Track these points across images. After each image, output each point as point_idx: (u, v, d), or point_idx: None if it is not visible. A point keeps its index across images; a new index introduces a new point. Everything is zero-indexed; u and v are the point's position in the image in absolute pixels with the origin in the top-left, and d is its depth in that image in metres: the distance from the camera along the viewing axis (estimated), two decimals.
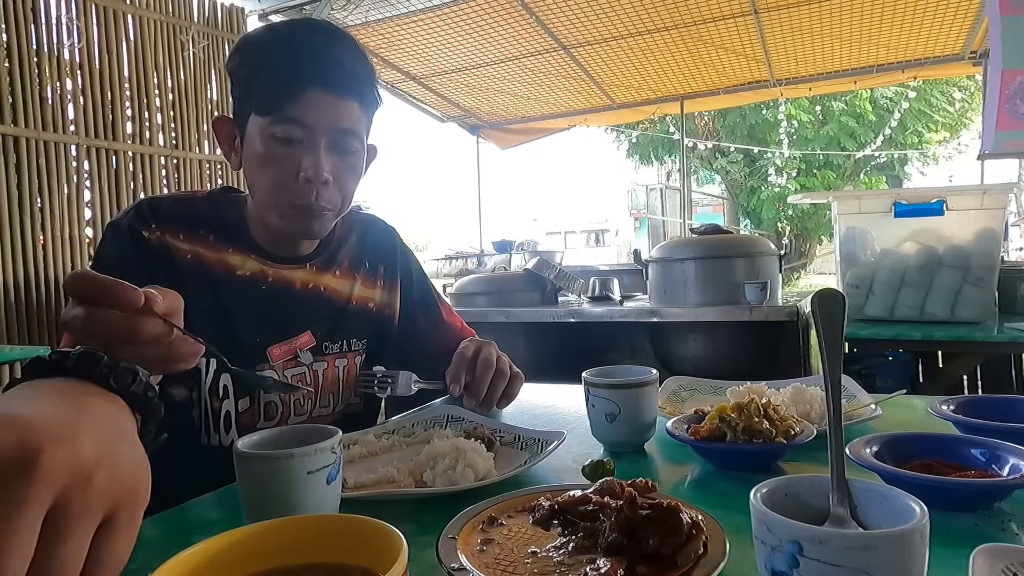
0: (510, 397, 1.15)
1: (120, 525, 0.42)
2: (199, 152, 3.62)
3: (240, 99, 1.00)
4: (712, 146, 13.76)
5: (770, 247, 2.73)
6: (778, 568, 0.45)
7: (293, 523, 0.49)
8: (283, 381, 1.05)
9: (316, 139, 0.96)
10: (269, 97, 0.95)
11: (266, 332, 1.06)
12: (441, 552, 0.57)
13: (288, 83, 0.95)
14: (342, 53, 0.98)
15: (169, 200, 1.06)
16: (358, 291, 1.18)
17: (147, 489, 0.45)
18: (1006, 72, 2.67)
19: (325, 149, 0.97)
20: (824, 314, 0.61)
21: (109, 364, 0.51)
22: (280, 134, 0.96)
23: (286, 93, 0.94)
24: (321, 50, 0.97)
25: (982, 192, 2.49)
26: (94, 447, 0.42)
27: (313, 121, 0.95)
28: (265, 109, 0.96)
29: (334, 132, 0.98)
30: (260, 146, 0.97)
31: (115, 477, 0.42)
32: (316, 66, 0.96)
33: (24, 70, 2.89)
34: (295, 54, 0.96)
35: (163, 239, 1.01)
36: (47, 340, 2.95)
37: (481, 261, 4.44)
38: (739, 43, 4.35)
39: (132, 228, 1.00)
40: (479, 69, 4.81)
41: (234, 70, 1.01)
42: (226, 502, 0.81)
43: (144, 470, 0.46)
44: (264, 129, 0.96)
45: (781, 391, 1.05)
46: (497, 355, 1.15)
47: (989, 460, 0.71)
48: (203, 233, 1.04)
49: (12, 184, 2.85)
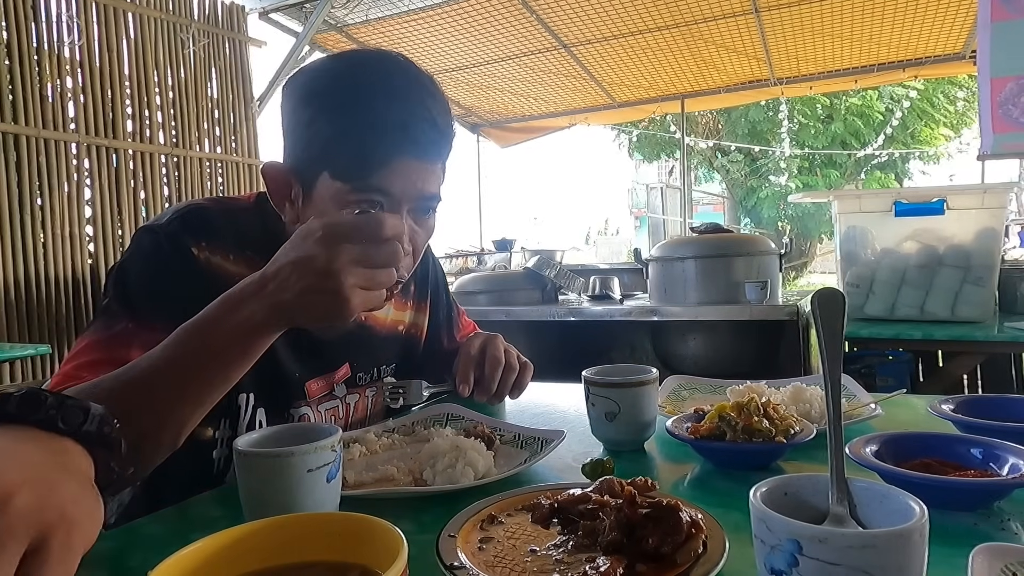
0: (521, 387, 1.11)
1: (51, 555, 0.39)
2: (199, 150, 3.62)
3: (309, 153, 0.87)
4: (713, 145, 13.76)
5: (770, 246, 2.73)
6: (777, 567, 0.45)
7: (293, 521, 0.49)
8: None
9: (398, 208, 0.86)
10: (352, 164, 0.84)
11: (306, 366, 0.99)
12: (441, 550, 0.57)
13: (375, 152, 0.83)
14: (436, 111, 0.87)
15: (217, 212, 0.94)
16: (392, 315, 1.14)
17: (91, 520, 0.42)
18: (995, 80, 2.66)
19: (406, 217, 0.88)
20: (824, 313, 0.61)
21: (55, 404, 0.47)
22: (360, 201, 0.85)
23: (374, 162, 0.83)
24: (415, 111, 0.85)
25: (983, 191, 2.49)
26: (17, 473, 0.39)
27: (400, 191, 0.85)
28: (346, 176, 0.84)
29: (419, 199, 0.88)
30: (335, 212, 0.85)
31: (45, 502, 0.39)
32: (407, 131, 0.84)
33: (24, 68, 2.89)
34: (388, 117, 0.84)
35: (213, 260, 0.89)
36: (47, 338, 2.95)
37: (481, 260, 4.43)
38: (740, 42, 4.35)
39: (179, 241, 0.88)
40: (479, 67, 4.81)
41: (306, 121, 0.87)
42: (226, 500, 0.81)
43: (89, 501, 0.43)
44: (341, 196, 0.84)
45: (781, 390, 1.05)
46: (504, 348, 1.10)
47: (989, 459, 0.71)
48: (251, 255, 0.91)
49: (12, 182, 2.85)
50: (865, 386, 1.11)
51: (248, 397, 0.94)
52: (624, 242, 16.86)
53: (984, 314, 2.47)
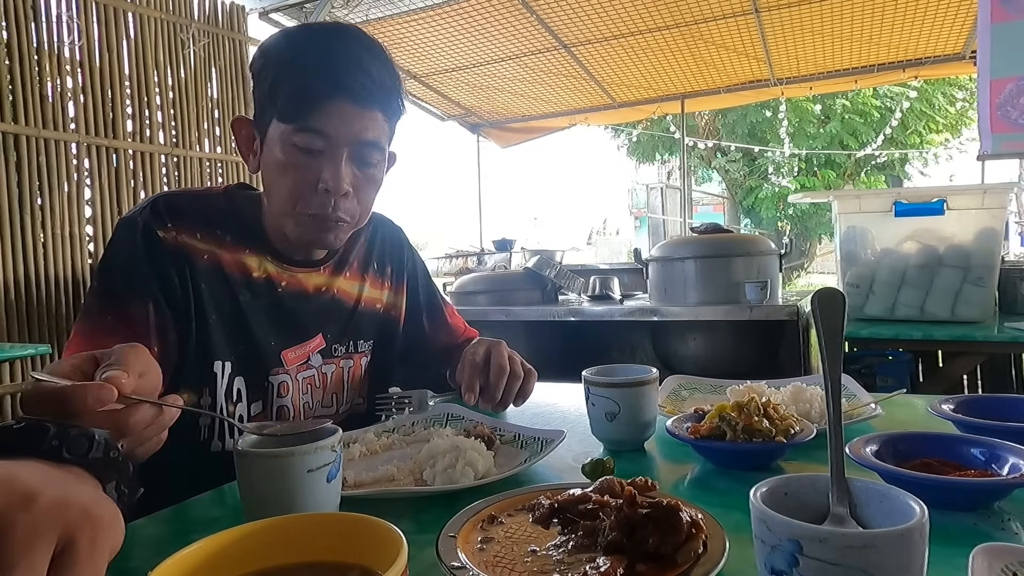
0: (525, 395, 1.12)
1: (79, 553, 0.38)
2: (199, 150, 3.62)
3: (262, 102, 0.98)
4: (712, 145, 13.75)
5: (770, 246, 2.73)
6: (777, 567, 0.45)
7: (293, 521, 0.49)
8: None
9: (337, 150, 0.95)
10: (293, 105, 0.93)
11: (280, 336, 1.05)
12: (441, 550, 0.57)
13: (312, 93, 0.92)
14: (369, 62, 0.96)
15: (186, 197, 1.03)
16: (367, 292, 1.18)
17: (113, 521, 0.42)
18: (995, 81, 2.66)
19: (346, 160, 0.96)
20: (824, 313, 0.61)
21: (58, 434, 0.46)
22: (301, 143, 0.94)
23: (310, 103, 0.92)
24: (347, 59, 0.94)
25: (983, 192, 2.49)
26: (36, 479, 0.39)
27: (335, 132, 0.93)
28: (288, 117, 0.94)
29: (356, 144, 0.96)
30: (280, 153, 0.95)
31: (65, 500, 0.39)
32: (341, 76, 0.93)
33: (24, 68, 2.88)
34: (321, 62, 0.94)
35: (180, 239, 0.98)
36: (47, 338, 2.95)
37: (481, 260, 4.43)
38: (740, 42, 4.34)
39: (147, 226, 0.96)
40: (479, 67, 4.81)
41: (257, 72, 0.99)
42: (226, 500, 0.81)
43: (110, 506, 0.42)
44: (285, 137, 0.94)
45: (781, 390, 1.05)
46: (509, 356, 1.11)
47: (989, 459, 0.71)
48: (220, 233, 1.01)
49: (12, 182, 2.85)
50: (865, 386, 1.11)
51: (224, 365, 0.99)
52: (624, 242, 16.84)
53: (984, 314, 2.47)
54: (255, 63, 1.00)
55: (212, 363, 0.98)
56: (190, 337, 0.97)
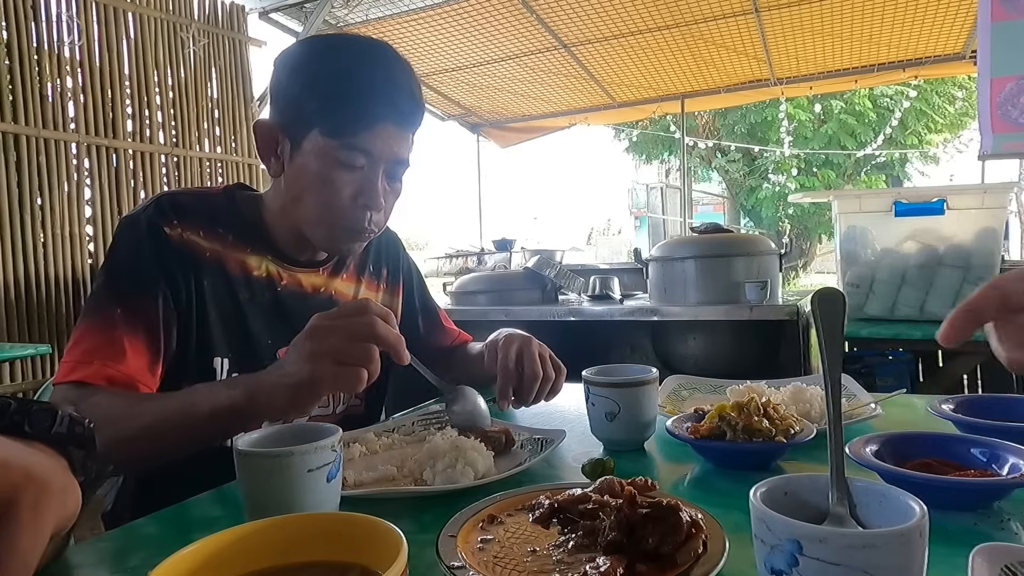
0: (556, 393, 1.10)
1: (21, 515, 0.37)
2: (199, 150, 3.62)
3: (301, 112, 0.98)
4: (712, 145, 13.76)
5: (770, 246, 2.72)
6: (777, 567, 0.45)
7: (293, 521, 0.49)
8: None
9: (377, 167, 0.99)
10: (343, 123, 0.96)
11: (278, 334, 1.05)
12: (441, 550, 0.57)
13: (369, 116, 0.96)
14: (415, 88, 1.02)
15: (188, 196, 1.05)
16: (362, 294, 1.20)
17: (65, 489, 0.41)
18: (995, 80, 2.65)
19: (381, 176, 1.00)
20: (824, 313, 0.61)
21: (19, 409, 0.46)
22: (344, 159, 0.97)
23: (364, 125, 0.96)
24: (402, 86, 0.99)
25: (983, 191, 2.49)
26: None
27: (379, 152, 0.98)
28: (335, 133, 0.96)
29: (391, 161, 1.01)
30: (320, 165, 0.97)
31: (5, 462, 0.37)
32: (397, 102, 0.98)
33: (24, 67, 2.89)
34: (375, 86, 0.97)
35: (185, 236, 1.00)
36: (47, 338, 2.95)
37: (481, 260, 4.43)
38: (740, 42, 4.34)
39: (152, 224, 0.98)
40: (479, 67, 4.81)
41: (304, 82, 0.98)
42: (226, 500, 0.81)
43: (62, 471, 0.41)
44: (328, 150, 0.96)
45: (781, 390, 1.05)
46: (540, 355, 1.07)
47: (989, 459, 0.71)
48: (223, 232, 1.03)
49: (12, 182, 2.85)
50: (865, 386, 1.11)
51: (223, 361, 1.01)
52: (624, 242, 16.84)
53: None
54: (296, 70, 1.00)
55: (211, 360, 1.00)
56: (191, 333, 0.98)
